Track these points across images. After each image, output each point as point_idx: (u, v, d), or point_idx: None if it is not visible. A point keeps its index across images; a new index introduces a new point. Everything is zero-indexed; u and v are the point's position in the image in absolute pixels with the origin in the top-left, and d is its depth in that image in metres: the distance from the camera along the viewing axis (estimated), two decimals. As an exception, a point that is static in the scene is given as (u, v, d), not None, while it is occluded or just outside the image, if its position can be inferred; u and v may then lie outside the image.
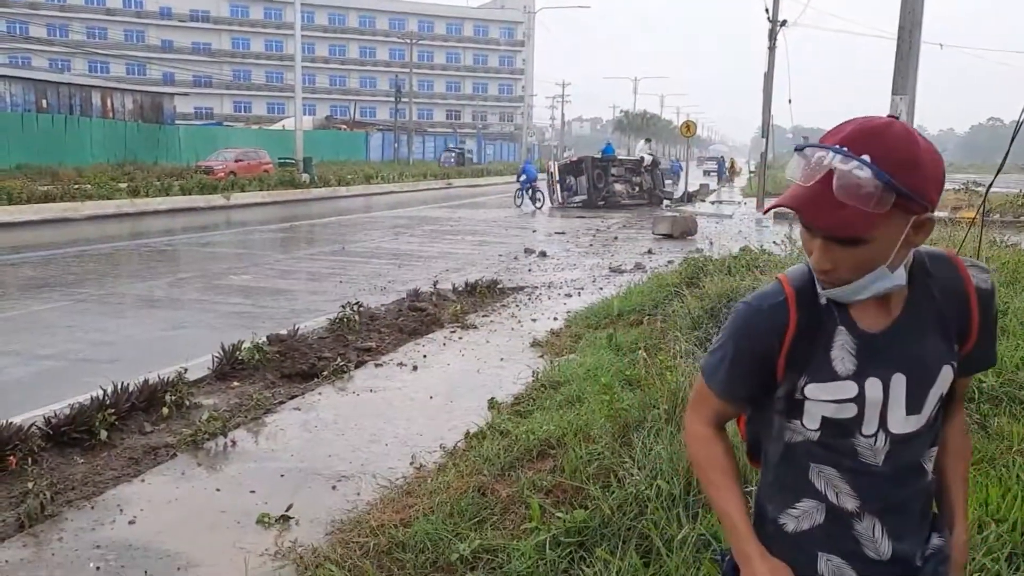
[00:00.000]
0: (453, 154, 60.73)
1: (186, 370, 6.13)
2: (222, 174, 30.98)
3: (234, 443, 5.15)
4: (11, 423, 4.83)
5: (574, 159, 32.35)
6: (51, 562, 3.64)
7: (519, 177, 29.66)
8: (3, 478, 4.45)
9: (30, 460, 4.64)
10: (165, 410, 5.60)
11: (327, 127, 61.12)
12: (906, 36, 9.92)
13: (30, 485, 4.21)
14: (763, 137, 30.87)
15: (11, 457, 4.57)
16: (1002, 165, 3.56)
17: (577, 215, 26.52)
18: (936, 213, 1.42)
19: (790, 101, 30.81)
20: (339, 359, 6.96)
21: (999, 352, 4.14)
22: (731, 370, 1.58)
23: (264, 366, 6.81)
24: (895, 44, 9.99)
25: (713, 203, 32.77)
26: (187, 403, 5.83)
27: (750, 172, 52.91)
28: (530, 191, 28.81)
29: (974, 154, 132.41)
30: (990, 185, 4.10)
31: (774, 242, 12.14)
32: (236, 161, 33.81)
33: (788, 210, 1.41)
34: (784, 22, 28.57)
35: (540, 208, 28.11)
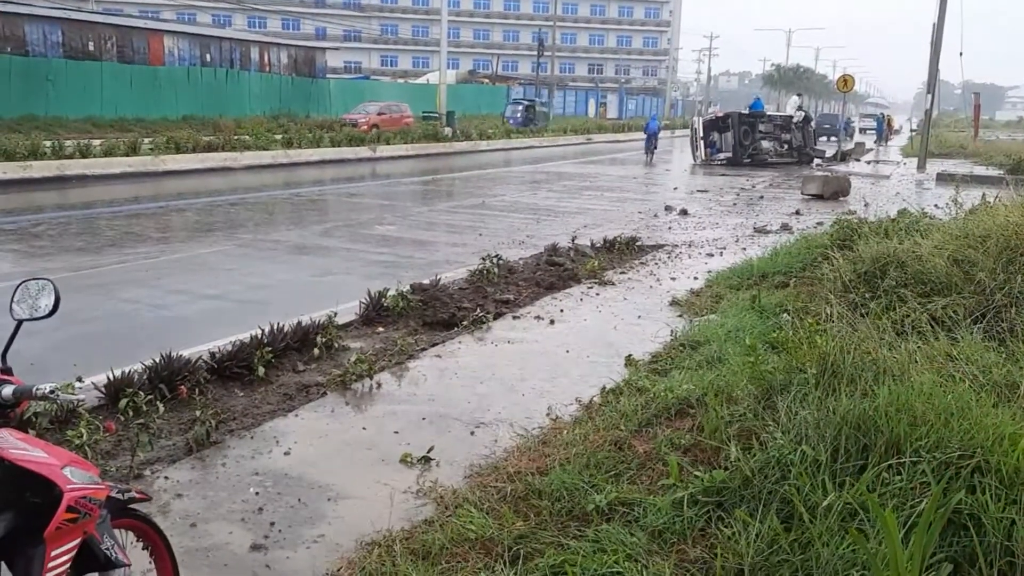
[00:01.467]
0: (520, 107, 48.06)
1: (335, 314, 6.42)
2: (365, 127, 31.85)
3: (379, 385, 5.37)
4: (181, 356, 5.23)
5: (720, 114, 31.27)
6: (215, 484, 3.94)
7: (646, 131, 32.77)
8: (174, 406, 4.84)
9: (197, 391, 5.02)
10: (316, 351, 5.91)
11: (470, 81, 61.61)
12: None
13: (197, 413, 4.55)
14: (928, 93, 28.69)
15: (181, 387, 4.96)
16: None
17: (721, 173, 25.72)
18: None
19: (961, 54, 28.46)
20: (478, 310, 7.09)
21: None
22: None
23: (407, 314, 7.04)
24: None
25: (869, 163, 30.92)
26: (336, 345, 6.12)
27: (911, 131, 49.46)
28: (649, 143, 31.30)
29: None
30: None
31: (936, 205, 11.34)
32: (379, 115, 34.64)
33: (952, 171, 1.26)
34: (960, -35, 26.26)
35: (650, 159, 30.59)
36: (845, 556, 2.70)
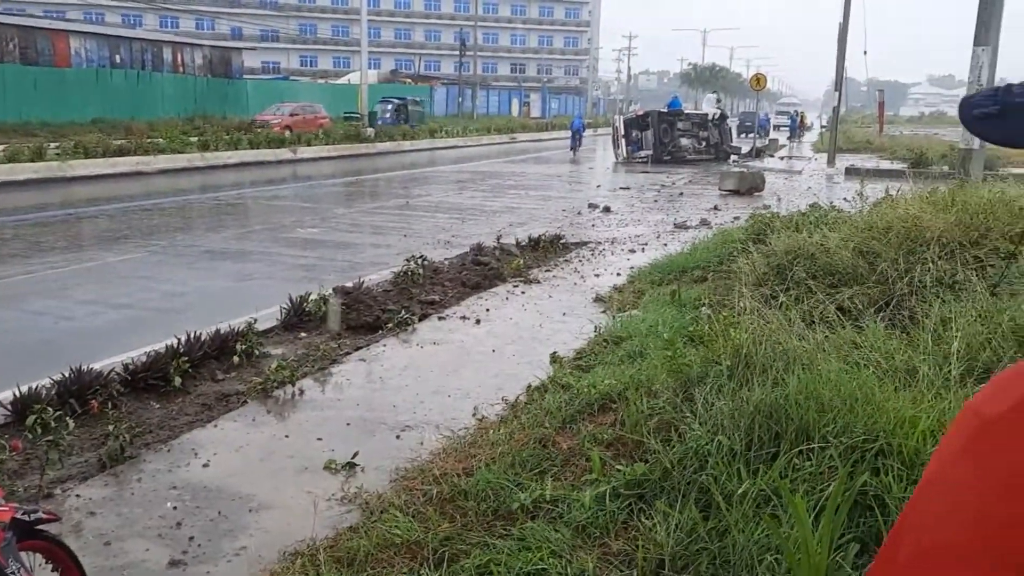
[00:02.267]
0: (391, 106, 41.55)
1: (255, 320, 6.29)
2: (279, 128, 30.93)
3: (302, 392, 5.30)
4: (92, 369, 5.06)
5: (640, 113, 31.81)
6: (131, 500, 3.82)
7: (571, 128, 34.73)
8: (86, 421, 4.68)
9: (110, 404, 4.86)
10: (236, 359, 5.78)
11: (392, 81, 61.08)
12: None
13: (110, 428, 4.40)
14: (836, 91, 29.79)
15: (93, 401, 4.79)
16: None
17: (642, 170, 26.15)
18: (1016, 170, 1.33)
19: (865, 53, 29.69)
20: (403, 312, 7.05)
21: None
22: None
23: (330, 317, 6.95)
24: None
25: (783, 159, 31.90)
26: (257, 352, 6.00)
27: (822, 127, 51.23)
28: (574, 140, 33.65)
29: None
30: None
31: (844, 198, 11.78)
32: (292, 115, 33.66)
33: (859, 165, 1.32)
34: (862, -32, 27.33)
35: (574, 155, 32.57)
36: (760, 541, 2.79)
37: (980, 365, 3.79)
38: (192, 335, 5.78)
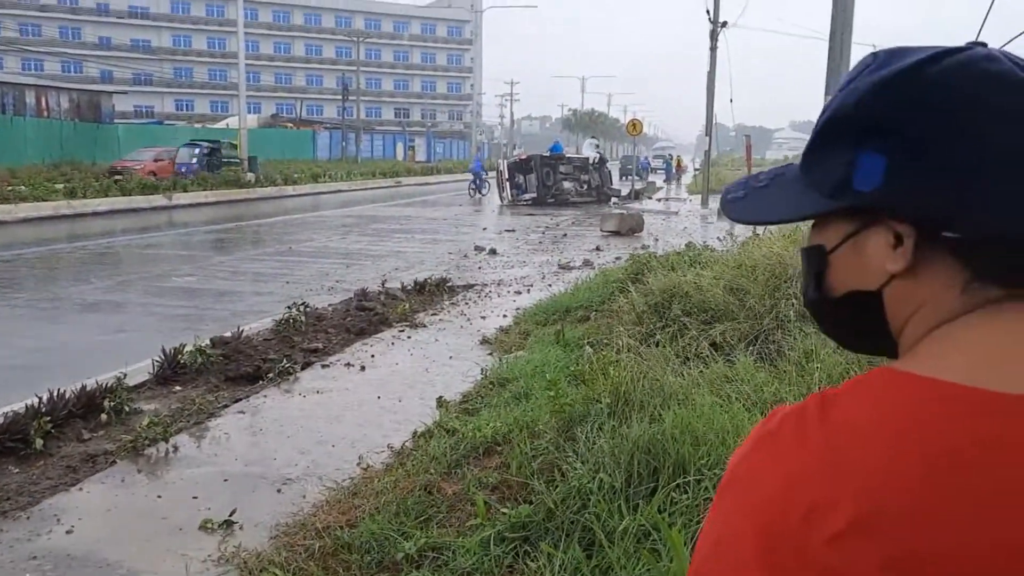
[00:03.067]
0: (197, 150, 33.09)
1: (125, 375, 6.00)
2: (141, 173, 29.24)
3: (176, 448, 5.06)
4: (-59, 433, 4.68)
5: (523, 157, 32.45)
6: (-16, 575, 3.54)
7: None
8: (-67, 490, 4.31)
9: (-39, 471, 4.51)
10: (104, 416, 5.48)
11: (273, 125, 60.10)
12: (837, 39, 10.19)
13: (-39, 496, 4.08)
14: (707, 135, 31.35)
15: (-59, 468, 4.43)
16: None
17: (527, 212, 26.60)
18: None
19: (731, 100, 31.41)
20: (285, 361, 6.88)
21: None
22: None
23: (207, 369, 6.70)
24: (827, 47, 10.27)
25: (660, 200, 33.15)
26: (127, 409, 5.70)
27: (695, 170, 53.63)
28: (475, 182, 33.69)
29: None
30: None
31: (717, 238, 12.35)
32: (155, 160, 31.88)
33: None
34: (724, 23, 29.04)
35: (482, 196, 32.95)
36: (641, 576, 2.85)
37: (840, 394, 4.02)
38: (55, 393, 5.44)
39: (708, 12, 28.77)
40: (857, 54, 11.03)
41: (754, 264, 6.37)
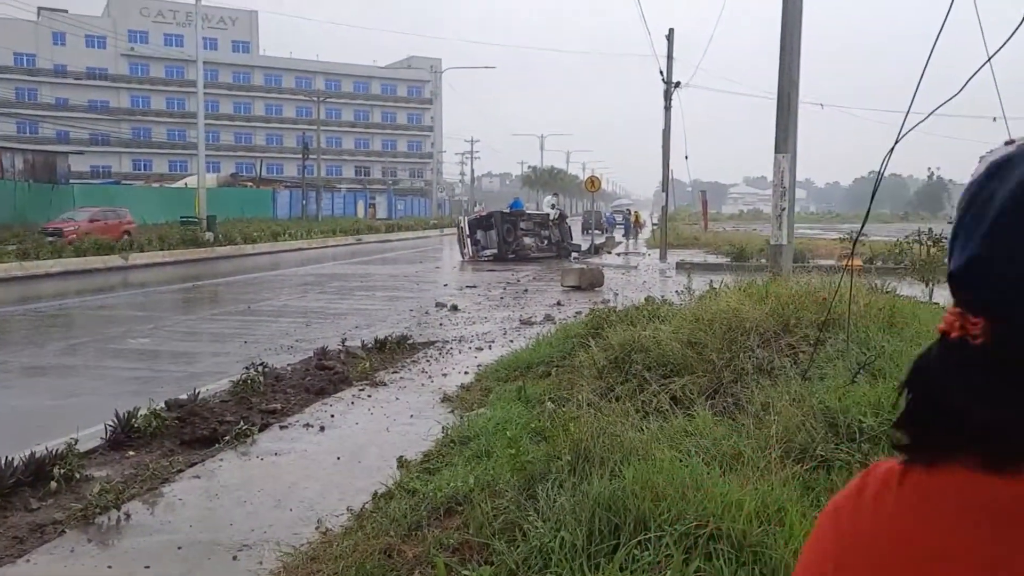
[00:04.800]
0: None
1: (77, 441, 5.84)
2: (74, 236, 27.65)
3: (128, 516, 4.92)
4: None
5: (484, 214, 32.74)
6: (-79, 656, 3.39)
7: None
8: None
9: (-100, 545, 4.33)
10: (53, 484, 5.32)
11: (232, 184, 59.87)
12: (784, 98, 10.55)
13: (-101, 573, 3.92)
14: (663, 191, 31.96)
15: None
16: (866, 217, 3.86)
17: (488, 268, 26.71)
18: (822, 261, 1.49)
19: (687, 157, 32.14)
20: (242, 423, 6.76)
21: (877, 393, 4.37)
22: None
23: (162, 433, 6.56)
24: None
25: (620, 255, 33.56)
26: (78, 476, 5.55)
27: (653, 225, 54.57)
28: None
29: (859, 205, 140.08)
30: (859, 232, 4.42)
31: (676, 292, 12.51)
32: (91, 221, 30.26)
33: (688, 260, 1.41)
34: (678, 83, 29.88)
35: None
36: (604, 636, 2.83)
37: (796, 446, 4.07)
38: (2, 461, 5.28)
39: (662, 72, 29.62)
40: (804, 112, 11.44)
41: (711, 318, 6.47)
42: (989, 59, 3.34)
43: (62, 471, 5.41)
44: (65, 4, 78.60)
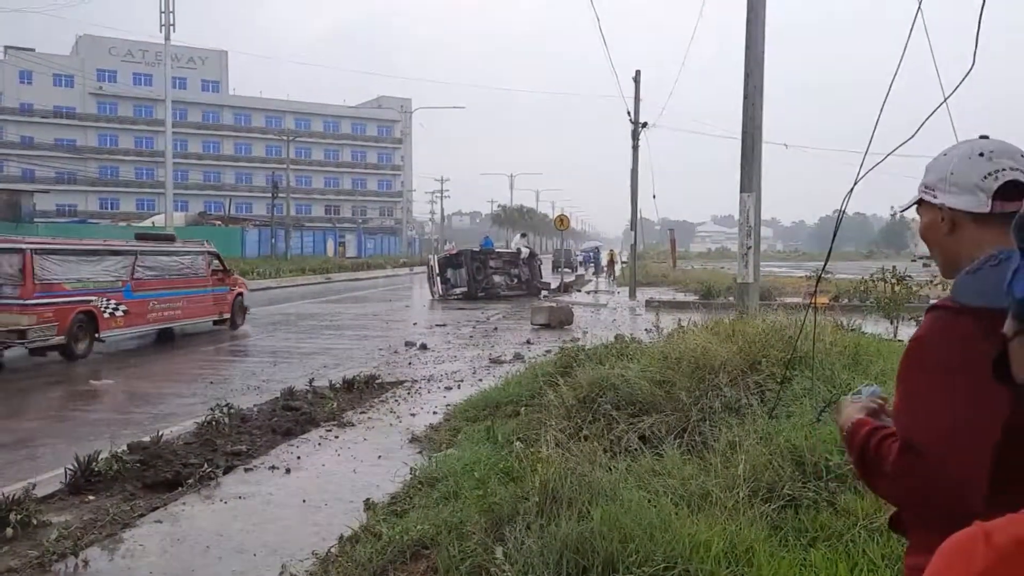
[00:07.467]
0: None
1: (35, 485, 5.72)
2: None
3: (86, 563, 4.79)
4: None
5: (454, 252, 32.79)
6: None
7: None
8: None
9: None
10: (9, 530, 5.17)
11: (200, 223, 59.40)
12: (749, 139, 10.75)
13: None
14: (632, 230, 32.27)
15: None
16: (828, 254, 3.93)
17: (458, 306, 26.67)
18: (788, 299, 1.54)
19: (655, 196, 32.55)
20: (206, 465, 6.64)
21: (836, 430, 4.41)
22: None
23: (124, 477, 6.42)
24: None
25: (589, 293, 33.71)
26: (35, 521, 5.40)
27: (622, 263, 54.99)
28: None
29: (825, 243, 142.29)
30: (822, 269, 4.50)
31: (645, 330, 12.59)
32: None
33: (657, 298, 1.44)
34: (645, 124, 30.35)
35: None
36: None
37: (764, 485, 4.09)
38: (-45, 508, 5.13)
39: (629, 113, 30.06)
40: (769, 151, 11.66)
41: (679, 356, 6.51)
42: (944, 101, 3.44)
43: (18, 517, 5.27)
44: (32, 43, 78.33)
